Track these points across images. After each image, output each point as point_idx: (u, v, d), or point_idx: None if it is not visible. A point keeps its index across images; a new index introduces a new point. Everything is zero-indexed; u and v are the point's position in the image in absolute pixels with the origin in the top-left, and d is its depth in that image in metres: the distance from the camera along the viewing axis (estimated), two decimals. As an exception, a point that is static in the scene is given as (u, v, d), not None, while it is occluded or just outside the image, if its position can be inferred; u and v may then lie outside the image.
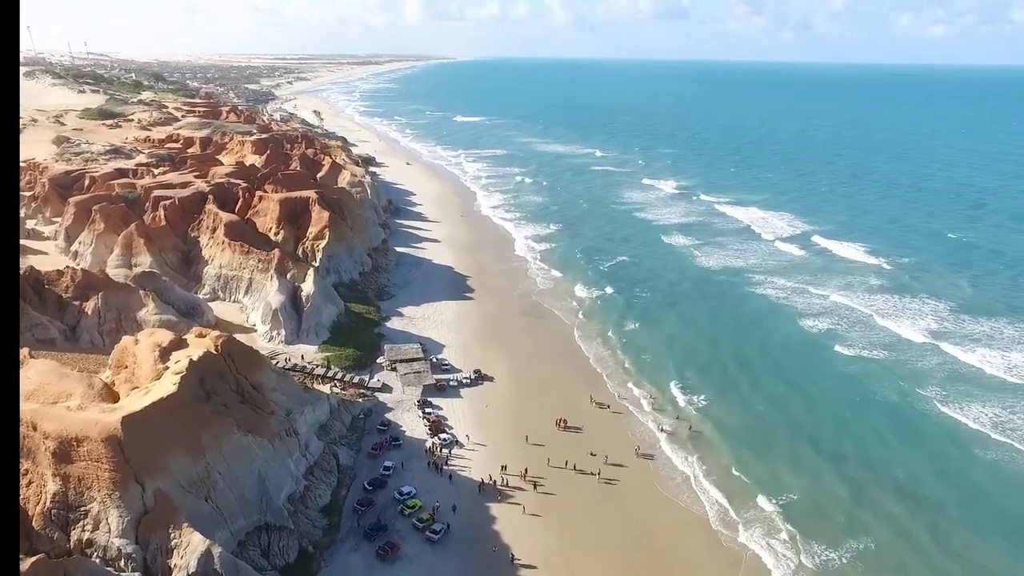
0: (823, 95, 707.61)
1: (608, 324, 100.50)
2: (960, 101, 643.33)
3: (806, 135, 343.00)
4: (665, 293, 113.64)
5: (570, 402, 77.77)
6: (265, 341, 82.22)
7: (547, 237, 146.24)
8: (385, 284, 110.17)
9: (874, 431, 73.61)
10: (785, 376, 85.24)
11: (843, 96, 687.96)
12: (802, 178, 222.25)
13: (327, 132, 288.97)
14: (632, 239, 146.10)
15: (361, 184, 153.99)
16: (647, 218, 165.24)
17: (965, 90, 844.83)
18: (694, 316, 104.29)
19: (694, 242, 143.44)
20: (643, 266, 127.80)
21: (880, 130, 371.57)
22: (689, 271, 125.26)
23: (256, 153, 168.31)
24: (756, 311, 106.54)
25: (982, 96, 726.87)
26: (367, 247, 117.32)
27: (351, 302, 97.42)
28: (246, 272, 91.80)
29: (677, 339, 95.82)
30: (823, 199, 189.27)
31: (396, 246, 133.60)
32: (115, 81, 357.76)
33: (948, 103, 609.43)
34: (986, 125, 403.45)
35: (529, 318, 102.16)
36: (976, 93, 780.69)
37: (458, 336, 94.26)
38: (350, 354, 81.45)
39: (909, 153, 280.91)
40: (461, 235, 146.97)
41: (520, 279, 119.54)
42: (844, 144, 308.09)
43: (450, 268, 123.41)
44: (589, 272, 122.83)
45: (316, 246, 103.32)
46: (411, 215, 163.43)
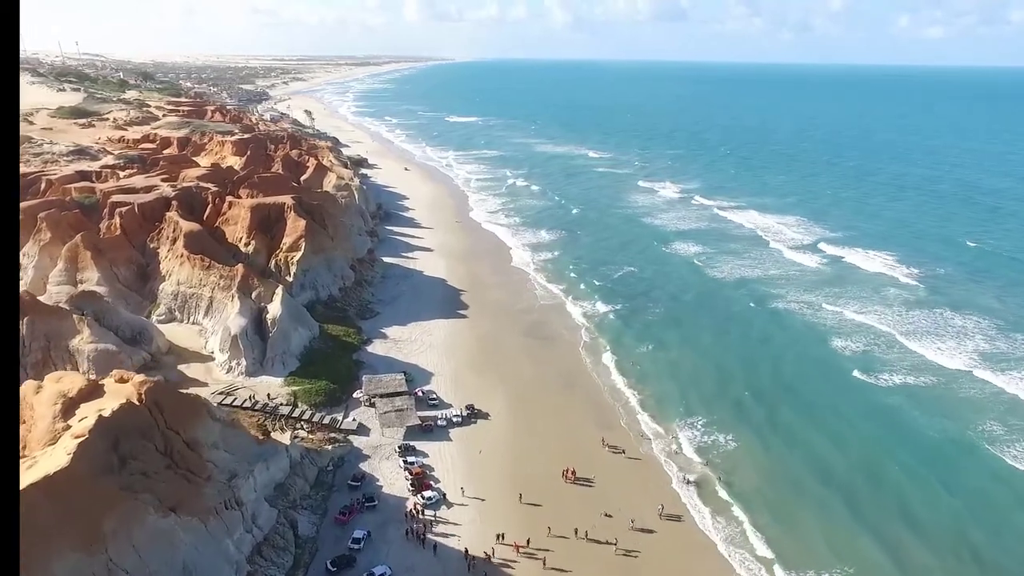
0: (822, 96, 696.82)
1: (617, 346, 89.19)
2: (960, 102, 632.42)
3: (806, 135, 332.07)
4: (677, 309, 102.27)
5: (579, 446, 66.39)
6: (223, 372, 70.76)
7: (547, 245, 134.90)
8: (369, 300, 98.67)
9: (913, 477, 63.04)
10: (812, 411, 74.53)
11: (842, 97, 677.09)
12: (805, 180, 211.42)
13: (318, 132, 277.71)
14: (636, 247, 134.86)
15: (348, 188, 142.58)
16: (650, 224, 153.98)
17: (964, 91, 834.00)
18: (709, 336, 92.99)
19: (701, 250, 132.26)
20: (651, 278, 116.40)
21: (881, 130, 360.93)
22: (699, 284, 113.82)
23: (237, 154, 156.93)
24: (772, 331, 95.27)
25: (982, 97, 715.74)
26: (350, 258, 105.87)
27: (328, 322, 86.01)
28: (206, 290, 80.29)
29: (693, 364, 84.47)
30: (829, 202, 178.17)
31: (384, 256, 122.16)
32: (99, 80, 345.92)
33: (948, 104, 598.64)
34: (988, 126, 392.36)
35: (530, 339, 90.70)
36: (975, 94, 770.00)
37: (449, 362, 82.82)
38: (321, 387, 69.96)
39: (912, 154, 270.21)
40: (455, 243, 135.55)
41: (519, 293, 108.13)
42: (845, 145, 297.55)
43: (442, 281, 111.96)
44: (594, 285, 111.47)
45: (290, 258, 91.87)
46: (403, 221, 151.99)
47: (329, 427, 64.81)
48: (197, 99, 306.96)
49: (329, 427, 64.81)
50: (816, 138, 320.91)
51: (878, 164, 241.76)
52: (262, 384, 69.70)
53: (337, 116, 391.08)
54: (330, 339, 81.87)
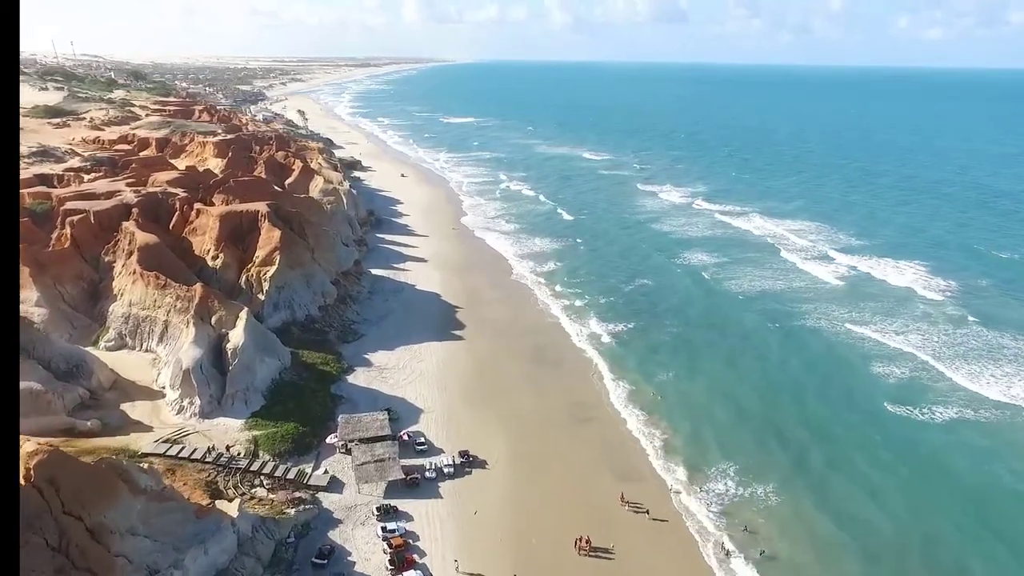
0: (822, 97, 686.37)
1: (633, 373, 78.61)
2: (961, 102, 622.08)
3: (808, 136, 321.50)
4: (693, 329, 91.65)
5: (593, 503, 55.81)
6: (173, 413, 60.10)
7: (549, 254, 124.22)
8: (352, 321, 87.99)
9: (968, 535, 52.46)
10: (862, 452, 64.65)
11: (843, 98, 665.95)
12: (810, 182, 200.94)
13: (311, 133, 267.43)
14: (642, 257, 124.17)
15: (335, 193, 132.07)
16: (655, 231, 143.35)
17: (965, 92, 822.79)
18: (731, 361, 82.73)
19: (711, 261, 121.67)
20: (661, 292, 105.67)
21: (883, 131, 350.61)
22: (713, 300, 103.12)
23: (218, 156, 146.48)
24: (797, 356, 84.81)
25: (983, 98, 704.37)
26: (333, 272, 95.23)
27: (304, 348, 75.41)
28: (161, 312, 69.66)
29: (718, 395, 74.03)
30: (837, 206, 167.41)
31: (373, 267, 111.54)
32: (87, 79, 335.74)
33: (949, 104, 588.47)
34: (993, 127, 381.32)
35: (533, 365, 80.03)
36: (976, 95, 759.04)
37: (441, 394, 72.17)
38: (289, 432, 59.30)
39: (918, 155, 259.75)
40: (452, 252, 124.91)
41: (520, 309, 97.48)
42: (848, 145, 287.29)
43: (436, 296, 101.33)
44: (603, 299, 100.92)
45: (263, 274, 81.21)
46: (395, 228, 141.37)
47: (295, 482, 54.14)
48: (186, 99, 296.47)
49: (295, 482, 54.14)
50: (818, 139, 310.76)
51: (883, 165, 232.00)
52: (218, 428, 59.02)
53: (333, 117, 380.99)
54: (304, 369, 71.23)
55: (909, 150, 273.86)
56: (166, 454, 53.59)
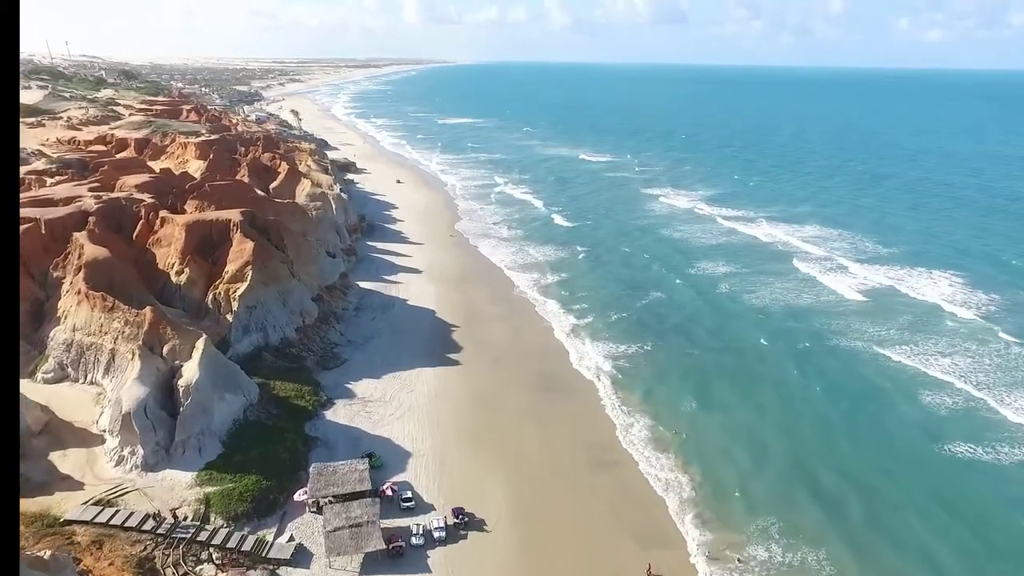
0: (823, 98, 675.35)
1: (651, 405, 69.12)
2: (964, 103, 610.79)
3: (811, 137, 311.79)
4: (712, 352, 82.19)
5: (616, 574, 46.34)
6: (111, 464, 50.51)
7: (552, 264, 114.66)
8: (335, 343, 78.37)
9: None
10: (912, 506, 54.71)
11: (844, 99, 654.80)
12: (816, 185, 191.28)
13: (305, 134, 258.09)
14: (650, 267, 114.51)
15: (323, 197, 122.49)
16: (662, 238, 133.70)
17: (966, 93, 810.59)
18: (758, 391, 73.55)
19: (724, 272, 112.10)
20: (674, 307, 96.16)
21: (886, 132, 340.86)
22: (731, 316, 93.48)
23: (200, 158, 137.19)
24: (827, 384, 75.46)
25: (986, 99, 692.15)
26: (315, 287, 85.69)
27: (277, 377, 65.91)
28: (107, 339, 60.05)
29: (747, 433, 65.13)
30: (846, 211, 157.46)
31: (362, 280, 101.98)
32: (75, 78, 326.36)
33: (952, 105, 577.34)
34: (1000, 128, 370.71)
35: (538, 396, 70.46)
36: (978, 96, 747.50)
37: (433, 433, 62.63)
38: (248, 487, 49.73)
39: (924, 157, 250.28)
40: (449, 262, 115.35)
41: (522, 329, 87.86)
42: (853, 147, 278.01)
43: (430, 313, 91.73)
44: (610, 317, 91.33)
45: (232, 292, 71.65)
46: (389, 235, 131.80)
47: (252, 555, 44.61)
48: (175, 98, 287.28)
49: (252, 555, 44.61)
50: (821, 140, 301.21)
51: (890, 167, 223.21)
52: (163, 483, 49.45)
53: (329, 117, 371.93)
54: (275, 404, 61.68)
55: (916, 151, 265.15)
56: (94, 521, 44.12)
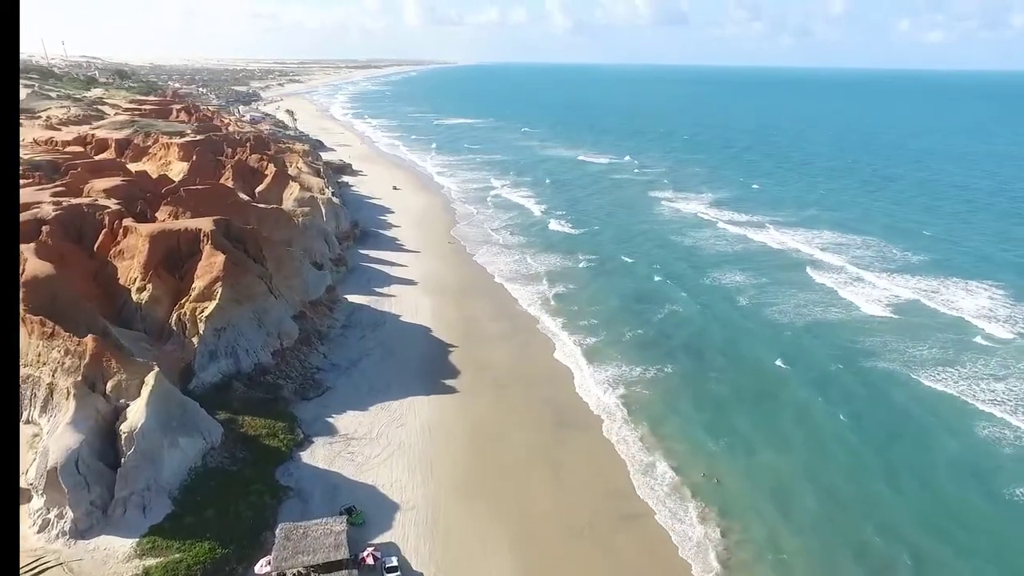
0: (824, 98, 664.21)
1: (674, 441, 60.75)
2: (967, 104, 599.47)
3: (813, 138, 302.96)
4: (735, 374, 74.16)
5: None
6: (34, 530, 42.08)
7: (557, 274, 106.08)
8: (317, 368, 69.92)
9: None
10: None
11: (845, 99, 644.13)
12: (823, 188, 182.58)
13: (300, 134, 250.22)
14: (660, 278, 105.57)
15: (313, 203, 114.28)
16: (671, 245, 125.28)
17: (969, 94, 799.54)
18: (793, 423, 65.07)
19: (737, 284, 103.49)
20: (689, 322, 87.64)
21: (890, 132, 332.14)
22: (750, 335, 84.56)
23: (184, 159, 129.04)
24: (864, 413, 67.04)
25: (988, 100, 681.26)
26: (297, 303, 77.32)
27: (247, 411, 57.50)
28: (46, 372, 51.55)
29: (785, 475, 56.50)
30: (857, 216, 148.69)
31: (352, 293, 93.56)
32: (65, 77, 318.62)
33: (955, 106, 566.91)
34: (1008, 129, 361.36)
35: (546, 432, 61.89)
36: (981, 97, 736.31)
37: (426, 480, 54.14)
38: (199, 557, 41.26)
39: (931, 158, 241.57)
40: (446, 272, 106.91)
41: (527, 349, 79.37)
42: (856, 148, 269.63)
43: (425, 331, 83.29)
44: (623, 334, 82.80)
45: (198, 312, 63.25)
46: (383, 242, 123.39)
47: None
48: (165, 98, 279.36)
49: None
50: (824, 141, 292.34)
51: (897, 168, 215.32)
52: (95, 555, 40.94)
53: (327, 117, 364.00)
54: (243, 445, 53.27)
55: (922, 152, 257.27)
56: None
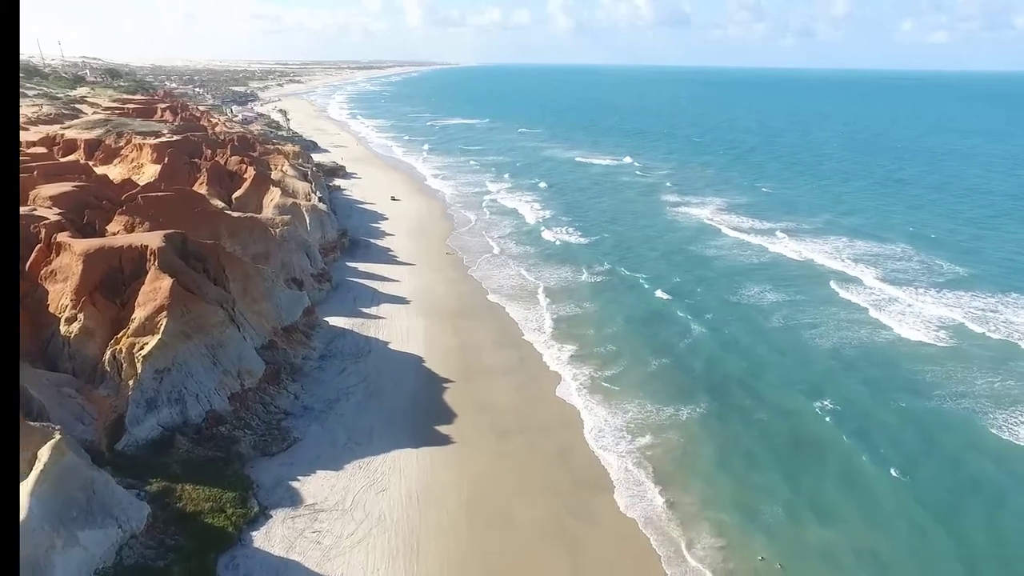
0: (827, 99, 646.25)
1: (718, 510, 49.21)
2: (972, 105, 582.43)
3: (818, 139, 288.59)
4: (768, 415, 61.37)
5: None
6: None
7: (563, 292, 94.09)
8: (284, 413, 58.44)
9: None
10: None
11: (848, 100, 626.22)
12: (834, 192, 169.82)
13: (293, 135, 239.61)
14: (673, 294, 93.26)
15: (295, 210, 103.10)
16: (680, 257, 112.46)
17: (974, 94, 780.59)
18: (833, 479, 53.02)
19: (759, 302, 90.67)
20: (707, 353, 74.52)
21: (894, 132, 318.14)
22: (777, 366, 71.47)
23: (157, 161, 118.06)
24: (924, 468, 54.76)
25: (994, 100, 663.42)
26: (266, 331, 66.02)
27: (190, 478, 46.13)
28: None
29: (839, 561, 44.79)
30: (875, 223, 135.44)
31: (334, 314, 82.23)
32: (51, 76, 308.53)
33: (960, 107, 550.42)
34: (1017, 129, 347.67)
35: (562, 501, 50.31)
36: (986, 97, 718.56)
37: (410, 571, 42.72)
38: None
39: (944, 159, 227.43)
40: (442, 288, 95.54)
41: (533, 386, 67.75)
42: (863, 148, 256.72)
43: (417, 361, 71.90)
44: (643, 368, 70.47)
45: (137, 349, 51.93)
46: (374, 253, 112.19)
47: None
48: (152, 96, 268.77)
49: None
50: (831, 142, 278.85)
51: (910, 170, 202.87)
52: None
53: (324, 118, 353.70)
54: (177, 527, 41.88)
55: (934, 153, 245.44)
56: None
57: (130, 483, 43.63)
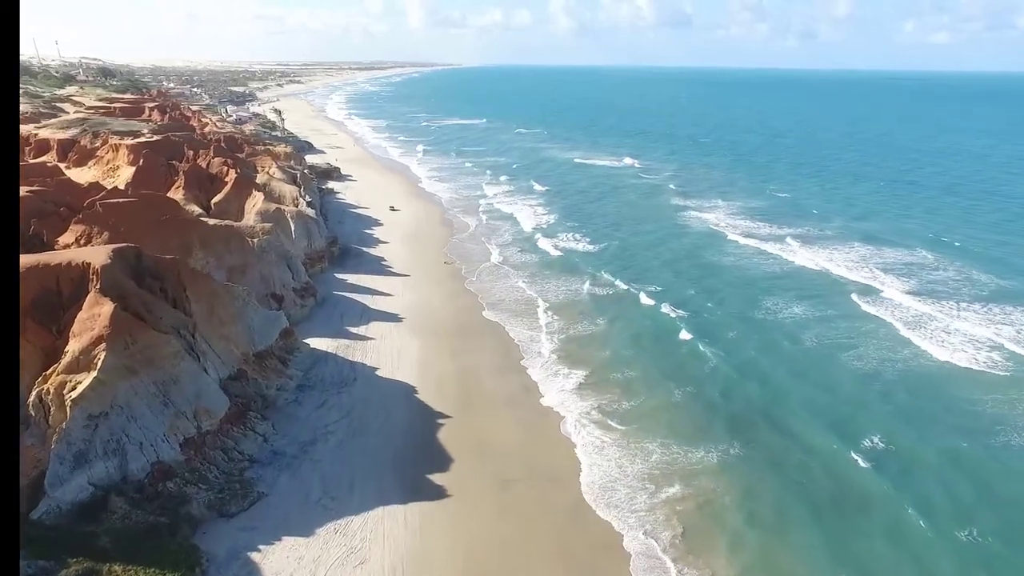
0: (830, 100, 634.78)
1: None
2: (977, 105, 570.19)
3: (824, 140, 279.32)
4: (814, 465, 52.74)
5: None
6: None
7: (570, 307, 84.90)
8: (250, 460, 49.70)
9: None
10: None
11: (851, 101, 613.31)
12: (845, 194, 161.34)
13: (288, 135, 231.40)
14: (692, 308, 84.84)
15: (279, 216, 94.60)
16: (689, 267, 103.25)
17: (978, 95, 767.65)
18: (897, 543, 44.76)
19: (785, 318, 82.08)
20: (737, 383, 65.40)
21: (899, 133, 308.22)
22: (818, 397, 63.02)
23: (133, 163, 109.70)
24: (1002, 524, 46.78)
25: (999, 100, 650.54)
26: (236, 359, 57.43)
27: (122, 554, 37.36)
28: None
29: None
30: (894, 228, 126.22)
31: (317, 335, 73.57)
32: (39, 75, 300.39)
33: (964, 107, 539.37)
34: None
35: (575, 569, 42.00)
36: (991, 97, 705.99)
37: None
38: None
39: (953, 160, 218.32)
40: (439, 303, 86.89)
41: (540, 423, 58.72)
42: (869, 148, 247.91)
43: (408, 390, 63.23)
44: (658, 402, 61.44)
45: (68, 389, 43.36)
46: (366, 263, 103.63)
47: None
48: (142, 95, 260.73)
49: None
50: (836, 143, 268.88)
51: (921, 172, 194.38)
52: None
53: (322, 118, 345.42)
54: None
55: (942, 154, 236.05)
56: None
57: (42, 566, 35.01)
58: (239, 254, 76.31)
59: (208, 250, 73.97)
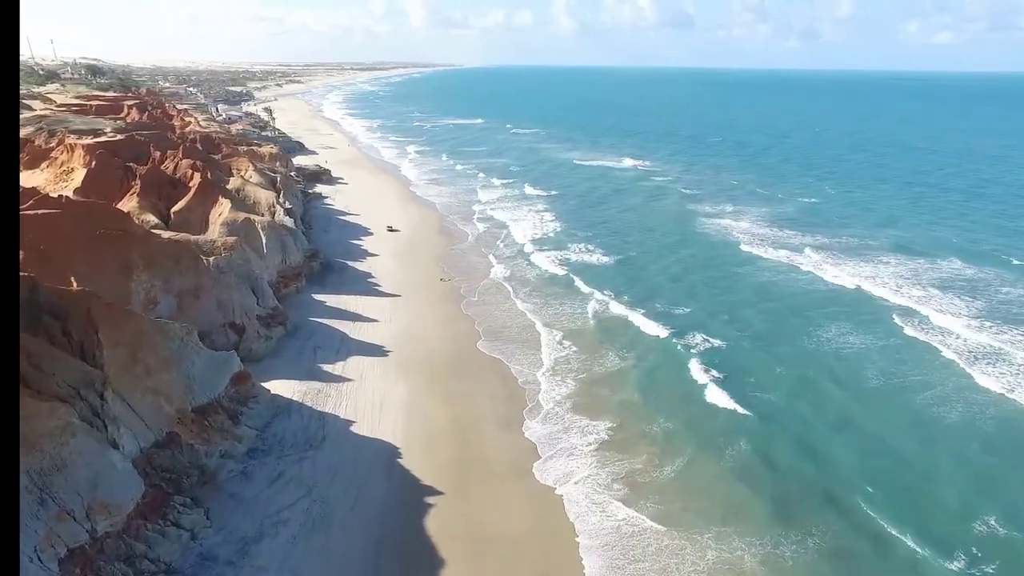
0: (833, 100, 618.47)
1: None
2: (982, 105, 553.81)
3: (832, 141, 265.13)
4: (872, 545, 40.70)
5: None
6: None
7: (580, 339, 70.90)
8: (166, 572, 36.90)
9: None
10: None
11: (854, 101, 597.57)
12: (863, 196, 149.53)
13: (278, 134, 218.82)
14: (702, 334, 71.47)
15: (248, 227, 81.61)
16: (710, 283, 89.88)
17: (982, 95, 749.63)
18: None
19: (817, 349, 68.68)
20: (777, 451, 51.63)
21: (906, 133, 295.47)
22: (865, 466, 50.02)
23: (88, 165, 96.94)
24: None
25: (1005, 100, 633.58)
26: (166, 418, 44.45)
27: None
28: None
29: None
30: (924, 238, 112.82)
31: (281, 376, 60.45)
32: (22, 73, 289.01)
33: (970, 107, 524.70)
34: None
35: None
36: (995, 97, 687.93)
37: None
38: None
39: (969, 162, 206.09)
40: (433, 332, 73.67)
41: (558, 511, 46.00)
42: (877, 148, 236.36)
43: (391, 454, 50.07)
44: (686, 478, 48.05)
45: None
46: (350, 279, 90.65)
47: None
48: (126, 93, 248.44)
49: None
50: (845, 144, 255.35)
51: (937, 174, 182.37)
52: None
53: (319, 118, 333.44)
54: None
55: (956, 155, 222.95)
56: None
57: None
58: (191, 275, 63.37)
59: (153, 272, 61.06)
